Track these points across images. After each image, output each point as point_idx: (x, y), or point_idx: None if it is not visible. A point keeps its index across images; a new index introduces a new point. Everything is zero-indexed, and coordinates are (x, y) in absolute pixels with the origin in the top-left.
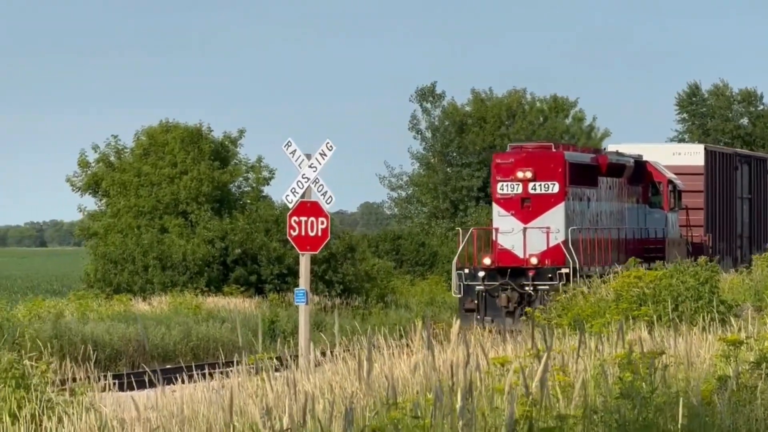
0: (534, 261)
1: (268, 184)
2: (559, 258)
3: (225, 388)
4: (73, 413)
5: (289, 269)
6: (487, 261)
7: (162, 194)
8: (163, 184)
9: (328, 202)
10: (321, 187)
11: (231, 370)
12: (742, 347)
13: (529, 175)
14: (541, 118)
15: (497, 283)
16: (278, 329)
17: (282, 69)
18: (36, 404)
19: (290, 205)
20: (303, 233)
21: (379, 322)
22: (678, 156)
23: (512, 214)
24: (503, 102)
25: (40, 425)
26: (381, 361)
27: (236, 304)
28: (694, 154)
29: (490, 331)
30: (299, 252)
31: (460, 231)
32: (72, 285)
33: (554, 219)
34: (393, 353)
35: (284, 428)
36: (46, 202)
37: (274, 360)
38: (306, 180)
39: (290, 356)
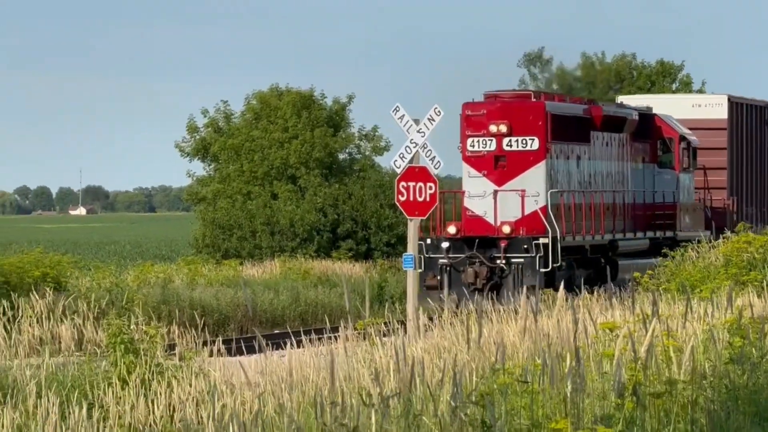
0: (506, 230)
1: (382, 154)
2: (539, 226)
3: (331, 353)
4: (182, 378)
5: (398, 237)
6: (452, 229)
7: (273, 158)
8: (273, 149)
9: (436, 167)
10: (429, 152)
11: (338, 336)
12: None
13: (504, 128)
14: (650, 83)
15: (463, 256)
16: (386, 294)
17: (389, 35)
18: (145, 369)
19: (398, 171)
20: (411, 198)
21: None
22: (698, 108)
23: (484, 175)
24: (611, 68)
25: (150, 389)
26: (489, 327)
27: (345, 269)
28: (715, 106)
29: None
30: (407, 217)
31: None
32: (180, 250)
33: (533, 180)
34: (501, 318)
35: (393, 393)
36: (155, 168)
37: (382, 325)
38: (414, 145)
39: (398, 321)
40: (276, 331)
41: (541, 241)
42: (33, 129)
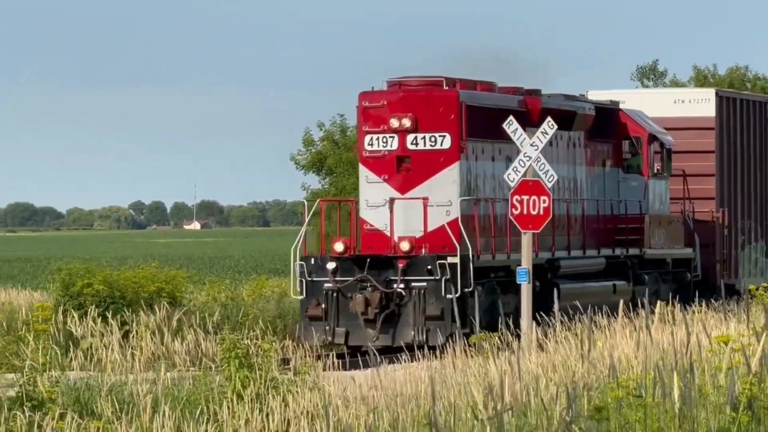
0: (405, 247)
1: None
2: (448, 243)
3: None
4: (296, 392)
5: None
6: (339, 247)
7: None
8: None
9: (549, 180)
10: (543, 165)
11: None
12: None
13: (407, 123)
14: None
15: (352, 279)
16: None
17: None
18: (260, 383)
19: (512, 185)
20: (525, 212)
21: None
22: (681, 105)
23: (385, 180)
24: (725, 80)
25: (265, 404)
26: (603, 340)
27: None
28: (702, 102)
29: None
30: (521, 230)
31: (306, 204)
32: None
33: (444, 186)
34: (615, 331)
35: (507, 407)
36: (269, 182)
37: (496, 339)
38: (527, 159)
39: (512, 335)
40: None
41: (449, 260)
42: (148, 144)
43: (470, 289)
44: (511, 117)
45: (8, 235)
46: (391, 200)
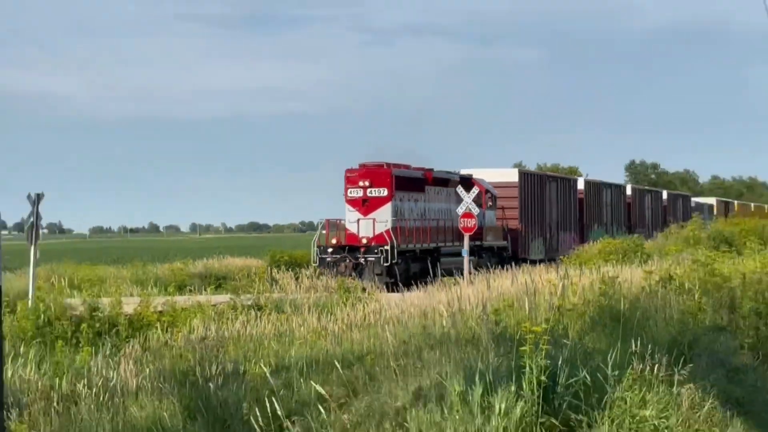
0: (364, 241)
1: None
2: (386, 240)
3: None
4: (367, 302)
5: None
6: (333, 241)
7: None
8: None
9: (474, 210)
10: (472, 205)
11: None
12: (652, 274)
13: (367, 183)
14: None
15: (339, 256)
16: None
17: None
18: (353, 299)
19: (460, 212)
20: (465, 225)
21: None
22: (504, 175)
23: (356, 210)
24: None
25: (353, 307)
26: (497, 282)
27: None
28: (513, 175)
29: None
30: (464, 233)
31: (322, 221)
32: None
33: (384, 213)
34: (501, 277)
35: (456, 310)
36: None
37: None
38: (466, 202)
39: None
40: None
41: (385, 248)
42: None
43: (395, 261)
44: (459, 185)
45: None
46: (359, 220)
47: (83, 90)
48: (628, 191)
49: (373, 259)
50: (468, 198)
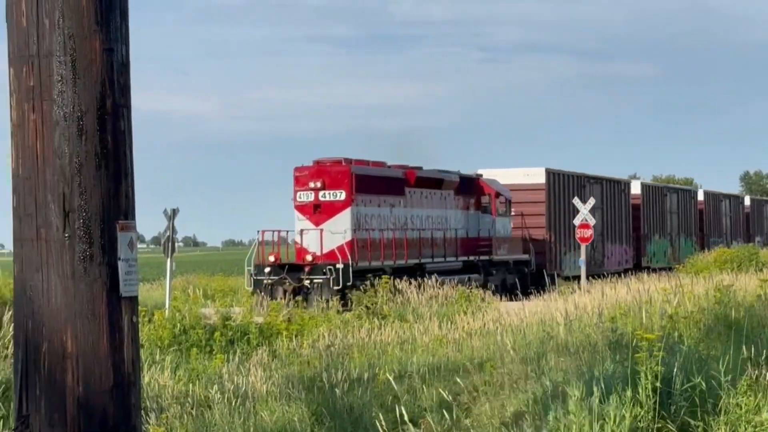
0: (309, 258)
1: None
2: (344, 255)
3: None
4: (486, 311)
5: None
6: (270, 258)
7: None
8: None
9: (590, 221)
10: (588, 215)
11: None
12: (767, 282)
13: (319, 185)
14: None
15: (278, 278)
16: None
17: None
18: (472, 308)
19: (576, 223)
20: (582, 236)
21: None
22: (527, 176)
23: (307, 218)
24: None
25: (474, 315)
26: (612, 292)
27: None
28: (538, 175)
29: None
30: (580, 243)
31: (258, 232)
32: None
33: (340, 223)
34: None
35: (573, 318)
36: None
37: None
38: (584, 212)
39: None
40: None
41: (338, 265)
42: None
43: (350, 283)
44: (576, 198)
45: None
46: (301, 231)
47: (218, 110)
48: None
49: (321, 281)
50: (584, 209)
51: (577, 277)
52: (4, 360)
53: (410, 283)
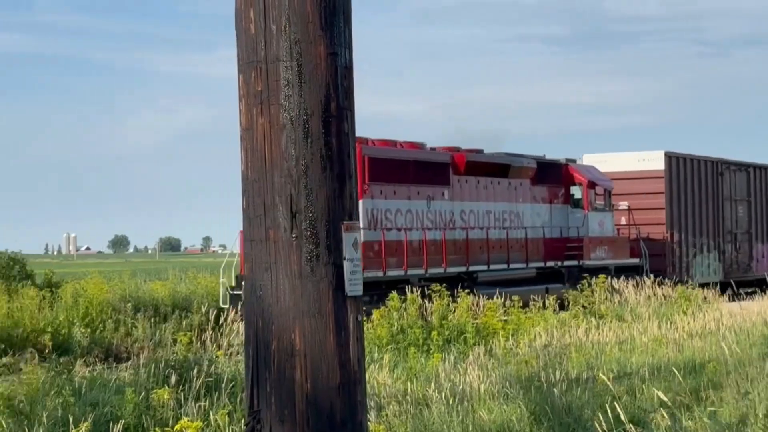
0: None
1: None
2: None
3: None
4: (707, 311)
5: None
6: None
7: None
8: None
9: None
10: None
11: None
12: None
13: None
14: None
15: None
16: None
17: None
18: (693, 308)
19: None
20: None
21: None
22: (642, 162)
23: None
24: None
25: (694, 316)
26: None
27: None
28: (655, 160)
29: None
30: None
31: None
32: None
33: None
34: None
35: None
36: None
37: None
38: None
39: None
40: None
41: None
42: None
43: None
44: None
45: None
46: None
47: (427, 111)
48: None
49: None
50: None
51: (707, 285)
52: (228, 358)
53: (452, 297)
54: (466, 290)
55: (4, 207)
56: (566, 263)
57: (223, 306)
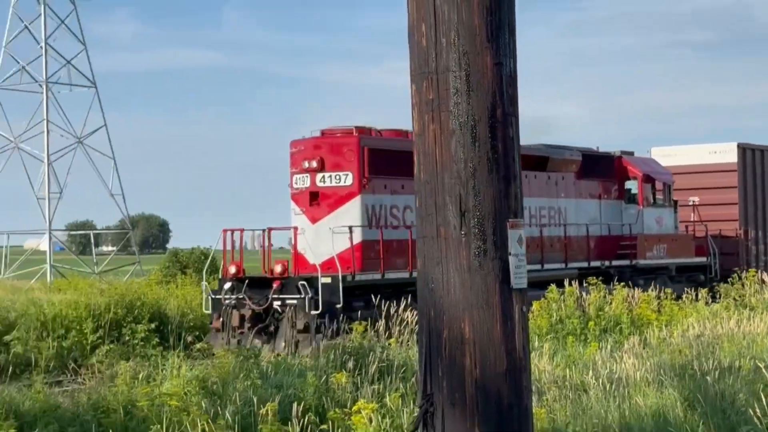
0: (278, 269)
1: None
2: (346, 263)
3: None
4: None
5: None
6: (232, 269)
7: None
8: None
9: None
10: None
11: None
12: None
13: (315, 164)
14: None
15: (240, 297)
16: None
17: None
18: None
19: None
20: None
21: None
22: (713, 155)
23: (303, 212)
24: None
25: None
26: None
27: None
28: (727, 152)
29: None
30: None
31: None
32: None
33: (347, 216)
34: None
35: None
36: None
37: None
38: None
39: None
40: None
41: (324, 280)
42: None
43: (340, 305)
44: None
45: None
46: (295, 230)
47: (585, 115)
48: None
49: (296, 302)
50: None
51: None
52: (400, 345)
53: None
54: None
55: (207, 208)
56: (615, 263)
57: (206, 312)
